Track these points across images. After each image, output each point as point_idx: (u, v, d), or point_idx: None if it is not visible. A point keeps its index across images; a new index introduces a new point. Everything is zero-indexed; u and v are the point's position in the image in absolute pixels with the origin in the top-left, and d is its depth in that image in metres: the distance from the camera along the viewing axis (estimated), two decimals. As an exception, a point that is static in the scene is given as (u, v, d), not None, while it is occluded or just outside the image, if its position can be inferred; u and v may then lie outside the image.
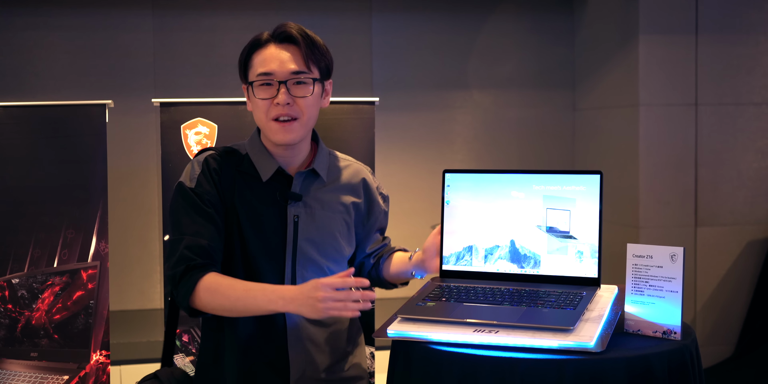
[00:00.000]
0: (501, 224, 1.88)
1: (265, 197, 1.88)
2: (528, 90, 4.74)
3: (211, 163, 1.89)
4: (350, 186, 2.00)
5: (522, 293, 1.77)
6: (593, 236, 1.80)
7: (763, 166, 4.29)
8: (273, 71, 1.85)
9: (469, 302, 1.74)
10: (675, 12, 4.18)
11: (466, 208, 1.92)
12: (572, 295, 1.73)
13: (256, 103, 1.88)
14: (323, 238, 1.91)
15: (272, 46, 1.88)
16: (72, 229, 2.90)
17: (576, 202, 1.82)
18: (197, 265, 1.78)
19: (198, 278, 1.76)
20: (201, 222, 1.82)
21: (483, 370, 1.55)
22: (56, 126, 2.92)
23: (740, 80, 4.26)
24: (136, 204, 4.31)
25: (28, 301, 2.87)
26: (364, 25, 4.61)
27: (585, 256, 1.80)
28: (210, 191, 1.85)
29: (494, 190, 1.90)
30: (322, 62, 1.90)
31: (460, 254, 1.91)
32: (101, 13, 4.35)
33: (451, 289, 1.83)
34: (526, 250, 1.86)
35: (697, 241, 4.24)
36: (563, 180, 1.84)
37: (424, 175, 4.68)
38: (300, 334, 1.88)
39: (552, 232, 1.83)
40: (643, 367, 1.55)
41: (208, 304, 1.75)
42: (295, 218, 1.88)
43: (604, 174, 1.82)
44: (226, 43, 4.45)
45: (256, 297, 1.72)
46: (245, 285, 1.75)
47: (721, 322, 4.30)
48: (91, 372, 2.86)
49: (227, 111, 2.94)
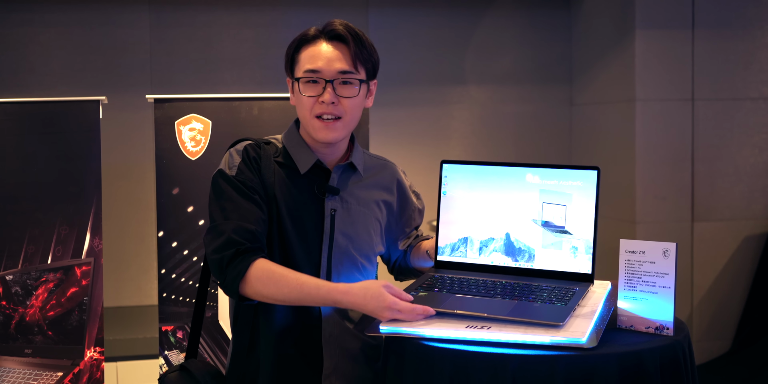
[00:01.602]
0: (497, 217, 1.87)
1: (303, 189, 1.87)
2: (525, 85, 4.74)
3: (251, 152, 1.87)
4: (384, 184, 2.00)
5: (515, 287, 1.76)
6: (588, 232, 1.79)
7: (759, 161, 4.29)
8: (320, 69, 1.84)
9: (461, 293, 1.74)
10: (672, 7, 4.17)
11: (462, 199, 1.91)
12: (564, 290, 1.73)
13: (300, 100, 1.87)
14: (358, 232, 1.91)
15: (321, 43, 1.86)
16: (66, 226, 2.89)
17: (572, 197, 1.81)
18: (247, 250, 1.74)
19: (249, 263, 1.72)
20: (247, 207, 1.79)
21: (475, 365, 1.55)
22: (50, 122, 2.91)
23: (737, 75, 4.25)
24: (131, 200, 4.30)
25: (22, 298, 2.87)
26: (361, 20, 4.60)
27: (579, 251, 1.79)
28: (252, 178, 1.83)
29: (491, 183, 1.89)
30: (369, 63, 1.90)
31: (455, 245, 1.91)
32: (97, 8, 4.34)
33: (445, 280, 1.82)
34: (521, 243, 1.85)
35: (694, 236, 4.24)
36: (561, 175, 1.82)
37: (422, 171, 4.66)
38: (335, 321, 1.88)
39: (547, 226, 1.82)
40: (634, 362, 1.55)
41: (260, 292, 1.73)
42: (333, 212, 1.88)
43: (601, 169, 1.81)
44: (222, 39, 4.45)
45: (310, 293, 1.71)
46: (297, 277, 1.73)
47: (718, 318, 4.30)
48: (85, 368, 2.86)
49: (221, 107, 2.93)
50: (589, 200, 1.79)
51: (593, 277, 1.79)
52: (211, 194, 1.87)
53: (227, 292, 1.79)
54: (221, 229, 1.77)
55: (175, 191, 2.90)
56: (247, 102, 2.94)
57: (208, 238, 1.81)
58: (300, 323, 1.86)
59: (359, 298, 1.67)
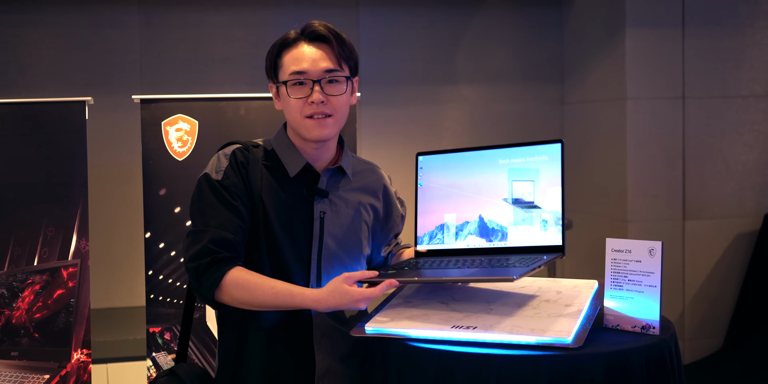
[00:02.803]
0: (470, 200, 1.89)
1: (292, 192, 1.89)
2: (516, 84, 4.73)
3: (239, 156, 1.88)
4: (372, 189, 2.02)
5: (483, 261, 1.77)
6: (556, 204, 1.78)
7: (750, 159, 4.29)
8: (306, 70, 1.85)
9: (428, 269, 1.77)
10: (662, 5, 4.17)
11: (437, 188, 1.94)
12: (533, 258, 1.73)
13: (289, 102, 1.88)
14: (347, 235, 1.92)
15: (303, 45, 1.87)
16: (52, 227, 2.87)
17: (539, 172, 1.81)
18: (223, 258, 1.77)
19: (224, 272, 1.75)
20: (227, 215, 1.81)
21: (460, 366, 1.54)
22: (36, 123, 2.89)
23: (727, 73, 4.25)
24: (118, 201, 4.28)
25: (8, 300, 2.85)
26: (352, 19, 4.59)
27: (549, 224, 1.79)
28: (237, 184, 1.84)
29: (463, 168, 1.92)
30: (351, 60, 1.91)
31: (433, 233, 1.93)
32: (87, 9, 4.32)
33: (417, 262, 1.86)
34: (494, 223, 1.85)
35: (685, 234, 4.23)
36: (526, 152, 1.83)
37: (413, 170, 4.66)
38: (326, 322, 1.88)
39: (517, 203, 1.83)
40: (620, 362, 1.54)
41: (235, 299, 1.76)
42: (321, 214, 1.89)
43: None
44: (213, 39, 4.43)
45: (285, 301, 1.73)
46: (272, 286, 1.75)
47: (710, 316, 4.29)
48: (72, 371, 2.84)
49: (208, 107, 2.92)
50: (555, 173, 1.79)
51: (564, 248, 1.77)
52: (194, 196, 1.89)
53: (203, 300, 1.81)
54: (199, 237, 1.80)
55: (162, 192, 2.88)
56: (234, 102, 2.93)
57: (186, 242, 1.83)
58: (290, 324, 1.85)
59: (331, 301, 1.69)
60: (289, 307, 1.75)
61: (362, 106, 4.51)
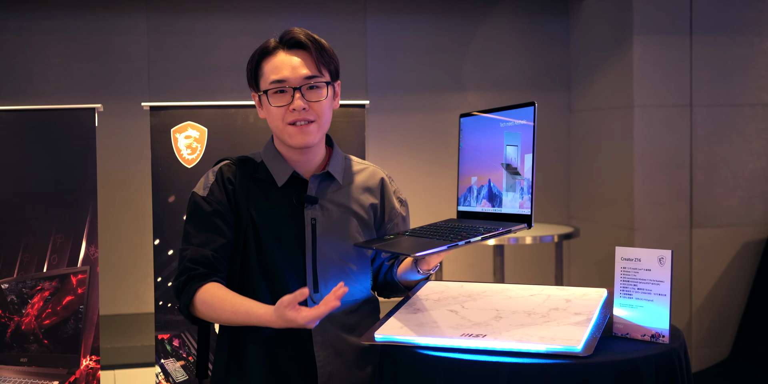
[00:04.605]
0: (486, 165, 1.90)
1: (281, 202, 1.90)
2: (523, 91, 4.73)
3: (225, 172, 1.92)
4: (367, 187, 2.01)
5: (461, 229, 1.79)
6: (528, 171, 1.76)
7: (758, 167, 4.28)
8: (286, 78, 1.87)
9: (419, 237, 1.80)
10: (669, 13, 4.17)
11: (469, 150, 1.96)
12: (493, 229, 1.72)
13: (271, 111, 1.90)
14: (342, 239, 1.93)
15: (281, 53, 1.89)
16: (61, 234, 2.88)
17: (520, 136, 1.80)
18: (197, 275, 1.82)
19: (196, 289, 1.79)
20: (207, 233, 1.86)
21: (469, 374, 1.54)
22: (45, 130, 2.90)
23: (735, 81, 4.25)
24: (128, 208, 4.30)
25: (18, 307, 2.86)
26: (359, 27, 4.60)
27: (524, 192, 1.77)
28: (221, 200, 1.88)
29: (482, 131, 1.93)
30: (331, 65, 1.93)
31: (465, 196, 1.97)
32: (95, 16, 4.35)
33: (423, 228, 1.90)
34: (496, 189, 1.86)
35: (693, 242, 4.22)
36: (514, 114, 1.83)
37: (420, 178, 4.67)
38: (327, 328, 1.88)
39: (508, 169, 1.83)
40: (630, 371, 1.54)
41: (205, 316, 1.81)
42: (313, 221, 1.90)
43: (537, 105, 1.80)
44: (220, 46, 4.45)
45: (244, 320, 1.73)
46: (233, 304, 1.75)
47: (717, 324, 4.28)
48: (81, 377, 2.85)
49: (217, 114, 2.93)
50: (529, 137, 1.78)
51: (531, 219, 1.75)
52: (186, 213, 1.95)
53: (184, 316, 1.86)
54: (182, 255, 1.87)
55: (171, 199, 2.89)
56: (243, 109, 2.94)
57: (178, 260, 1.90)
58: (289, 330, 1.85)
59: (281, 324, 1.66)
60: (250, 324, 1.74)
61: (370, 113, 4.52)
